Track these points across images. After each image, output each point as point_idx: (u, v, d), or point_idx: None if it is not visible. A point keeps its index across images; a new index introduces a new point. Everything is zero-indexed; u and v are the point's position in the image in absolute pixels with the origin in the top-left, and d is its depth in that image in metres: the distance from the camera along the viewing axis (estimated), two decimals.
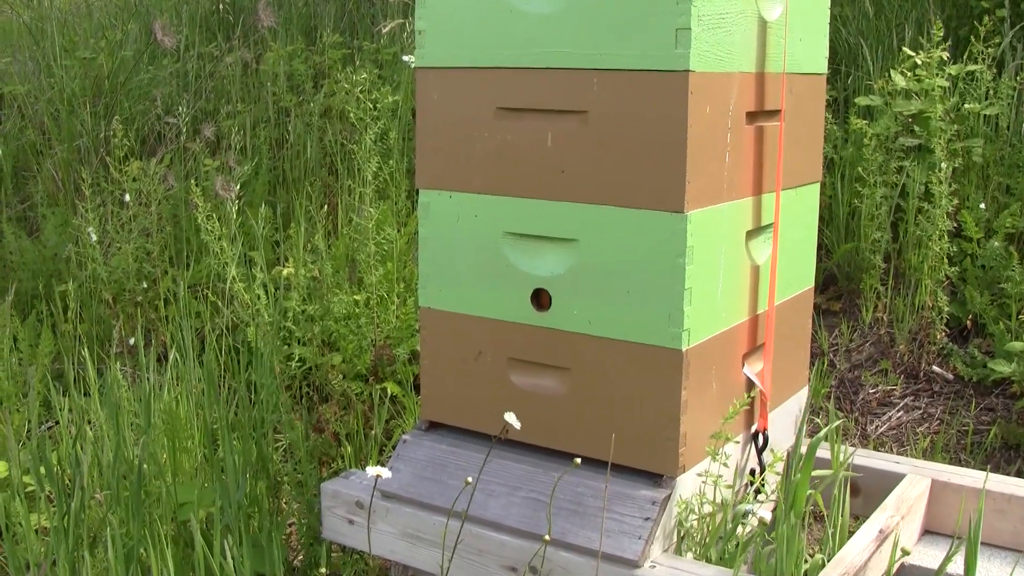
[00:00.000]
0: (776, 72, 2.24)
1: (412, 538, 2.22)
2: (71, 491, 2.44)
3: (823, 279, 3.83)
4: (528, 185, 2.13)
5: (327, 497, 2.34)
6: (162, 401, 2.83)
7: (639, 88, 1.98)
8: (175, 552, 2.32)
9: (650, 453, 2.07)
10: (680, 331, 2.01)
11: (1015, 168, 3.69)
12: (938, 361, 3.44)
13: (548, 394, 2.17)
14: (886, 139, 3.67)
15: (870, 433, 3.24)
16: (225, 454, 2.51)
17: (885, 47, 4.27)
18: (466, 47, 2.17)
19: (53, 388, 3.01)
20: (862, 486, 2.47)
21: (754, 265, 2.26)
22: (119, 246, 3.80)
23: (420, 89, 2.25)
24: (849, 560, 2.03)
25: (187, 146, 4.41)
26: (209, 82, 5.03)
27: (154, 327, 3.74)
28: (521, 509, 2.12)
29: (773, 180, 2.27)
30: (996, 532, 2.35)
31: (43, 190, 4.52)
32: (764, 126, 2.22)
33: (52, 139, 4.70)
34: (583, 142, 2.06)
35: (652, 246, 2.01)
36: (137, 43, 5.23)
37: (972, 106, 3.69)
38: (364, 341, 3.17)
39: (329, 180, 4.42)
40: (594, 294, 2.09)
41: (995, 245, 3.45)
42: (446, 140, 2.23)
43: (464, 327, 2.26)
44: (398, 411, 3.15)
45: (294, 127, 4.57)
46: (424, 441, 2.31)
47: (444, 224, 2.26)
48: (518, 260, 2.17)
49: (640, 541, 1.98)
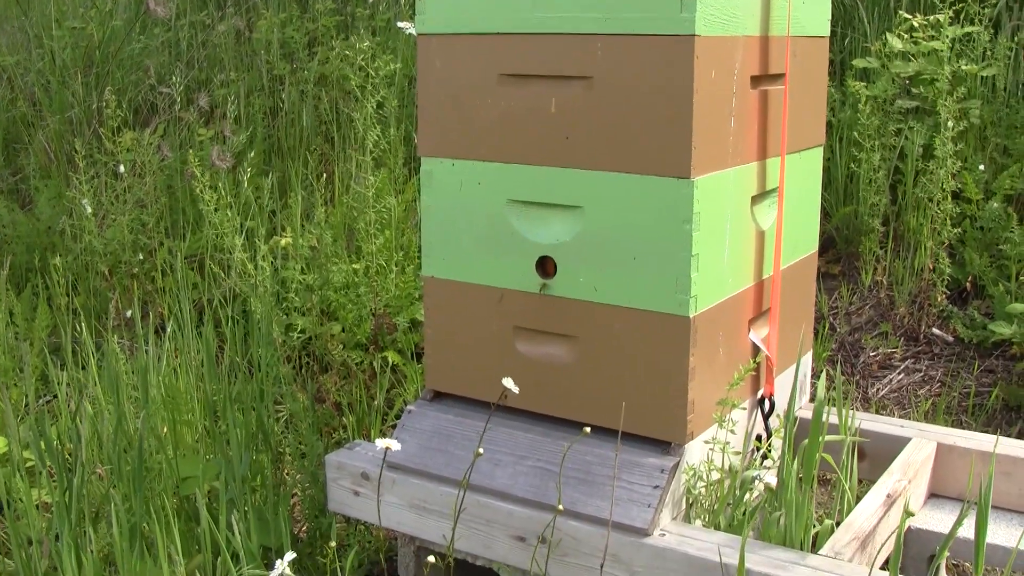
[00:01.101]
0: (780, 35, 2.21)
1: (419, 509, 2.21)
2: (72, 466, 2.43)
3: (822, 243, 3.81)
4: (532, 152, 2.11)
5: (332, 468, 2.33)
6: (161, 374, 2.81)
7: (644, 53, 1.96)
8: (180, 527, 2.31)
9: (658, 421, 2.06)
10: (687, 298, 1.99)
11: (1013, 129, 3.67)
12: (938, 323, 3.43)
13: (554, 362, 2.16)
14: (884, 102, 3.65)
15: (871, 396, 3.24)
16: (228, 427, 2.50)
17: (881, 8, 4.24)
18: (468, 13, 2.14)
19: (50, 362, 3.00)
20: (867, 450, 2.47)
21: (759, 230, 2.24)
22: (114, 218, 3.77)
23: (421, 56, 2.22)
24: (858, 525, 2.03)
25: (181, 116, 4.38)
26: (202, 51, 4.99)
27: (151, 299, 3.72)
28: (528, 478, 2.11)
29: (777, 144, 2.25)
30: (1002, 494, 2.35)
31: (35, 162, 4.49)
32: (768, 90, 2.20)
33: (43, 110, 4.67)
34: (588, 108, 2.03)
35: (658, 212, 1.99)
36: (127, 12, 5.18)
37: (970, 67, 3.67)
38: (364, 310, 3.16)
39: (325, 148, 4.39)
40: (600, 261, 2.07)
41: (994, 207, 3.44)
42: (448, 107, 2.20)
43: (469, 296, 2.24)
44: (399, 380, 3.14)
45: (288, 95, 4.53)
46: (429, 411, 2.30)
47: (447, 192, 2.23)
48: (523, 228, 2.15)
49: (649, 509, 1.98)
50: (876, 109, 3.62)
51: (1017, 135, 3.63)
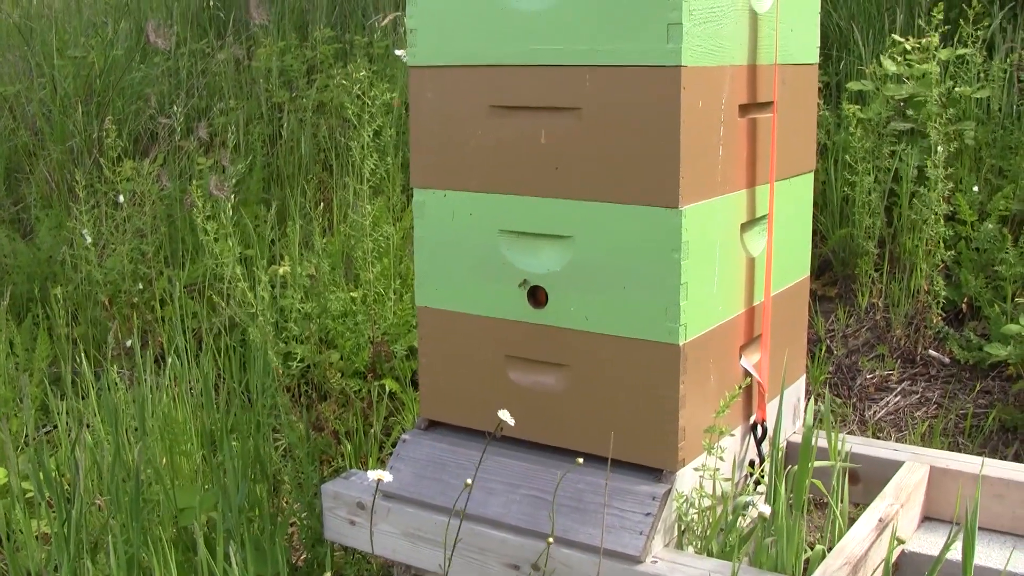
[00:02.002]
0: (768, 64, 2.23)
1: (414, 538, 2.22)
2: (71, 497, 2.44)
3: (819, 265, 3.83)
4: (522, 183, 2.13)
5: (328, 498, 2.35)
6: (160, 404, 2.83)
7: (632, 84, 1.98)
8: (177, 557, 2.32)
9: (649, 448, 2.07)
10: (677, 326, 2.01)
11: (1007, 150, 3.68)
12: (934, 345, 3.44)
13: (546, 391, 2.17)
14: (878, 124, 3.67)
15: (868, 419, 3.25)
16: (224, 457, 2.51)
17: (876, 30, 4.26)
18: (458, 45, 2.17)
19: (50, 392, 3.02)
20: (861, 474, 2.48)
21: (749, 257, 2.26)
22: (114, 247, 3.79)
23: (413, 88, 2.25)
24: (850, 550, 2.04)
25: (181, 145, 4.41)
26: (201, 79, 5.02)
27: (151, 328, 3.74)
28: (521, 507, 2.12)
29: (767, 172, 2.27)
30: (995, 517, 2.36)
31: (36, 192, 4.52)
32: (757, 118, 2.22)
33: (45, 140, 4.70)
34: (577, 139, 2.05)
35: (647, 241, 2.01)
36: (128, 41, 5.22)
37: (964, 89, 3.69)
38: (362, 338, 3.17)
39: (324, 176, 4.42)
40: (591, 290, 2.09)
41: (989, 227, 3.45)
42: (440, 139, 2.22)
43: (462, 326, 2.26)
44: (397, 408, 3.15)
45: (287, 123, 4.56)
46: (424, 440, 2.31)
47: (439, 223, 2.26)
48: (514, 258, 2.17)
49: (641, 536, 1.99)
50: (870, 131, 3.64)
51: (1012, 156, 3.64)
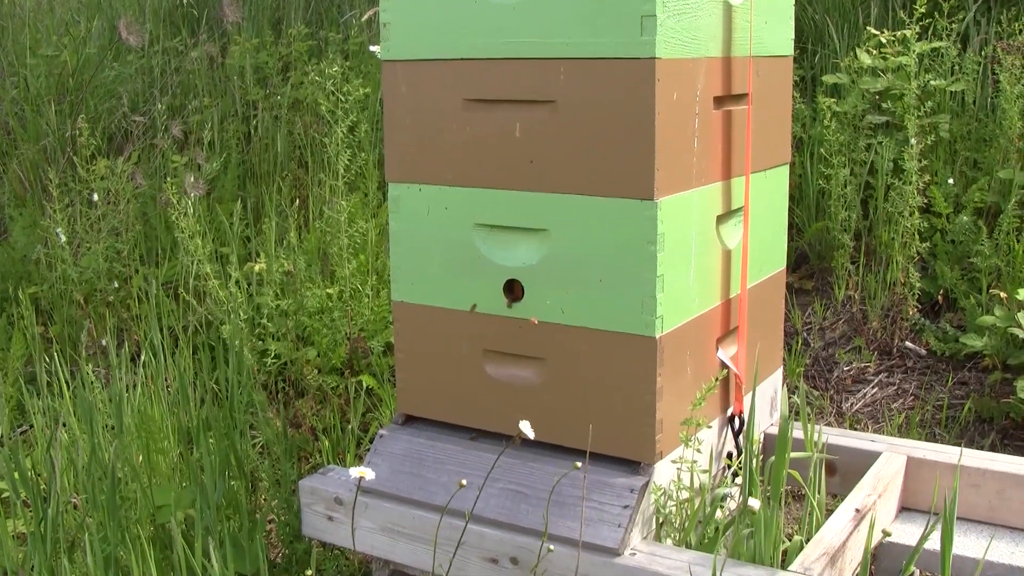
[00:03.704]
0: (743, 56, 2.24)
1: (392, 533, 2.21)
2: (47, 496, 2.42)
3: (795, 258, 3.84)
4: (498, 176, 2.13)
5: (305, 494, 2.34)
6: (135, 402, 2.81)
7: (606, 76, 1.98)
8: (155, 555, 2.31)
9: (627, 440, 2.07)
10: (653, 318, 2.01)
11: (982, 143, 3.70)
12: (911, 337, 3.45)
13: (523, 384, 2.17)
14: (853, 117, 3.68)
15: (845, 411, 3.26)
16: (201, 455, 2.50)
17: (851, 24, 4.27)
18: (432, 39, 2.16)
19: (26, 392, 3.00)
20: (838, 465, 2.48)
21: (725, 249, 2.26)
22: (89, 246, 3.77)
23: (387, 82, 2.24)
24: (828, 541, 2.05)
25: (154, 143, 4.38)
26: (175, 77, 5.00)
27: (126, 327, 3.72)
28: (499, 500, 2.12)
29: (742, 164, 2.27)
30: (971, 507, 2.37)
31: (10, 191, 4.49)
32: (732, 110, 2.22)
33: (18, 139, 4.67)
34: (552, 132, 2.05)
35: (623, 234, 2.01)
36: (101, 39, 5.19)
37: (938, 82, 3.70)
38: (338, 335, 3.16)
39: (299, 173, 4.40)
40: (567, 284, 2.09)
41: (964, 220, 3.47)
42: (415, 133, 2.22)
43: (438, 320, 2.25)
44: (374, 404, 3.15)
45: (261, 120, 4.54)
46: (401, 435, 2.31)
47: (415, 217, 2.25)
48: (490, 251, 2.17)
49: (619, 529, 1.99)
50: (846, 125, 3.65)
51: (986, 148, 3.66)
